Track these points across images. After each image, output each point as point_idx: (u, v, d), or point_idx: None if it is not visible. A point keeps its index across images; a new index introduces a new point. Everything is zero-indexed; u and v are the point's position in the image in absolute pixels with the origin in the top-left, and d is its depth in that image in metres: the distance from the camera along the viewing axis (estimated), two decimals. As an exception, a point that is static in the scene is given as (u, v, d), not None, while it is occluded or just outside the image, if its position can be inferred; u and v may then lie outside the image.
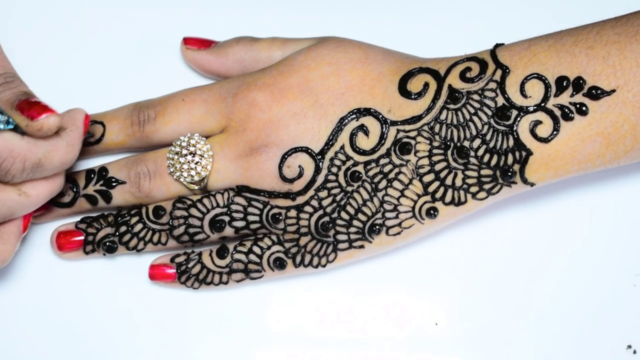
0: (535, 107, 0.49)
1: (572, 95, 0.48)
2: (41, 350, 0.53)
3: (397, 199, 0.51)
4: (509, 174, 0.49)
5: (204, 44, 0.57)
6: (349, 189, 0.51)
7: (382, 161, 0.51)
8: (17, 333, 0.53)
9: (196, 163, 0.51)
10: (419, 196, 0.50)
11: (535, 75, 0.49)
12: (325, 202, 0.51)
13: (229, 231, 0.52)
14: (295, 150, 0.50)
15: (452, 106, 0.50)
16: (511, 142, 0.49)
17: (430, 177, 0.50)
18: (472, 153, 0.50)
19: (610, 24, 0.49)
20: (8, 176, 0.45)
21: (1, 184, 0.46)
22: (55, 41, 0.59)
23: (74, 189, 0.53)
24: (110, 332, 0.53)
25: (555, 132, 0.49)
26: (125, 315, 0.54)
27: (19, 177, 0.45)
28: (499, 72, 0.50)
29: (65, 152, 0.46)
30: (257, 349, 0.53)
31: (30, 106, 0.44)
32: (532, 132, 0.49)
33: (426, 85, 0.51)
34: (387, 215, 0.51)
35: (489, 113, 0.49)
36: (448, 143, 0.50)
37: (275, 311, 0.54)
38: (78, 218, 0.54)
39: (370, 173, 0.51)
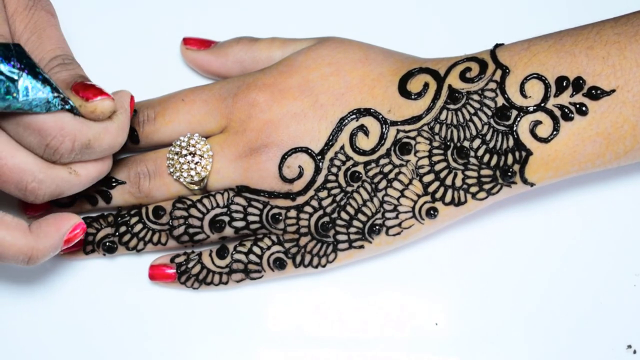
0: (535, 107, 0.49)
1: (572, 96, 0.48)
2: (41, 350, 0.53)
3: (397, 199, 0.51)
4: (509, 174, 0.49)
5: (204, 44, 0.57)
6: (349, 189, 0.51)
7: (382, 161, 0.51)
8: (16, 333, 0.53)
9: (196, 163, 0.51)
10: (419, 196, 0.50)
11: (535, 76, 0.49)
12: (325, 202, 0.51)
13: (228, 231, 0.52)
14: (295, 150, 0.51)
15: (452, 106, 0.50)
16: (511, 142, 0.49)
17: (430, 177, 0.50)
18: (472, 153, 0.50)
19: (610, 24, 0.49)
20: (56, 155, 0.44)
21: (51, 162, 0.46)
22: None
23: (74, 189, 0.53)
24: (109, 332, 0.53)
25: (555, 132, 0.49)
26: (124, 316, 0.54)
27: (67, 156, 0.45)
28: (498, 72, 0.50)
29: (115, 135, 0.46)
30: (257, 349, 0.53)
31: (86, 88, 0.44)
32: (532, 132, 0.49)
33: (426, 85, 0.51)
34: (387, 215, 0.51)
35: (489, 113, 0.49)
36: (448, 143, 0.50)
37: (275, 311, 0.54)
38: (78, 218, 0.54)
39: (370, 173, 0.51)
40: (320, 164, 0.51)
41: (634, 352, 0.53)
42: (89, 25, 0.59)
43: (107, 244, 0.53)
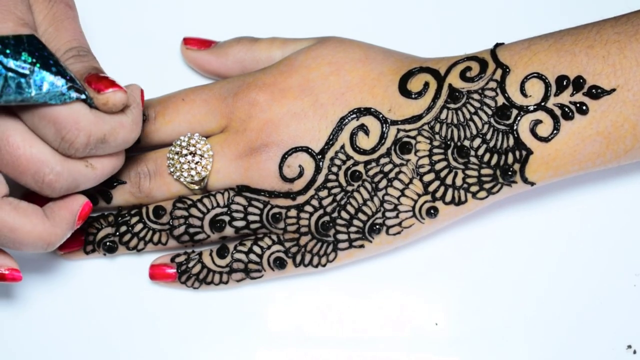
0: (535, 107, 0.49)
1: (572, 95, 0.49)
2: (40, 350, 0.53)
3: (398, 199, 0.51)
4: (509, 173, 0.49)
5: (204, 44, 0.57)
6: (349, 188, 0.51)
7: (383, 161, 0.51)
8: (16, 333, 0.53)
9: (196, 163, 0.51)
10: (419, 196, 0.50)
11: (535, 75, 0.49)
12: (325, 202, 0.51)
13: (229, 231, 0.52)
14: (296, 150, 0.51)
15: (452, 105, 0.50)
16: (511, 142, 0.49)
17: (431, 176, 0.50)
18: (473, 152, 0.50)
19: (610, 24, 0.49)
20: (72, 149, 0.44)
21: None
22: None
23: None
24: (110, 332, 0.53)
25: (555, 132, 0.49)
26: (125, 315, 0.54)
27: (82, 150, 0.44)
28: (499, 72, 0.50)
29: (130, 129, 0.45)
30: (257, 349, 0.53)
31: (99, 80, 0.44)
32: (533, 132, 0.49)
33: (426, 84, 0.51)
34: (388, 214, 0.51)
35: (489, 112, 0.49)
36: (448, 142, 0.50)
37: (275, 311, 0.54)
38: (78, 218, 0.54)
39: (371, 172, 0.51)
40: (321, 163, 0.51)
41: (634, 352, 0.53)
42: (89, 25, 0.59)
43: (108, 243, 0.53)
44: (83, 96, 0.43)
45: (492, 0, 0.60)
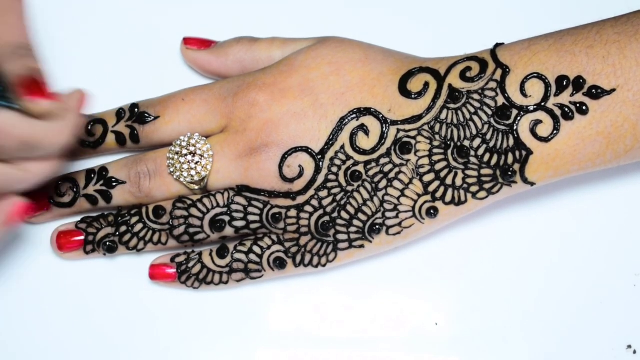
0: (535, 107, 0.49)
1: (572, 95, 0.49)
2: (41, 350, 0.53)
3: (398, 199, 0.51)
4: (509, 173, 0.49)
5: (204, 44, 0.57)
6: (349, 188, 0.51)
7: (383, 161, 0.51)
8: (16, 333, 0.53)
9: (196, 163, 0.51)
10: (419, 196, 0.50)
11: (535, 75, 0.49)
12: (325, 202, 0.51)
13: (229, 231, 0.52)
14: (296, 150, 0.51)
15: (452, 106, 0.50)
16: (511, 142, 0.49)
17: (431, 176, 0.50)
18: (473, 152, 0.50)
19: (610, 24, 0.49)
20: None
21: None
22: (54, 41, 0.59)
23: (74, 189, 0.53)
24: (109, 332, 0.53)
25: (555, 132, 0.49)
26: (125, 315, 0.54)
27: (8, 154, 0.44)
28: (499, 72, 0.50)
29: (59, 134, 0.45)
30: (257, 349, 0.53)
31: (30, 85, 0.44)
32: (533, 132, 0.49)
33: (426, 84, 0.51)
34: (387, 214, 0.51)
35: (489, 112, 0.49)
36: (448, 142, 0.50)
37: (275, 311, 0.54)
38: (78, 218, 0.54)
39: (371, 173, 0.51)
40: (321, 163, 0.51)
41: (634, 352, 0.53)
42: (89, 24, 0.59)
43: (108, 243, 0.53)
44: (13, 105, 0.43)
45: (492, 0, 0.60)
